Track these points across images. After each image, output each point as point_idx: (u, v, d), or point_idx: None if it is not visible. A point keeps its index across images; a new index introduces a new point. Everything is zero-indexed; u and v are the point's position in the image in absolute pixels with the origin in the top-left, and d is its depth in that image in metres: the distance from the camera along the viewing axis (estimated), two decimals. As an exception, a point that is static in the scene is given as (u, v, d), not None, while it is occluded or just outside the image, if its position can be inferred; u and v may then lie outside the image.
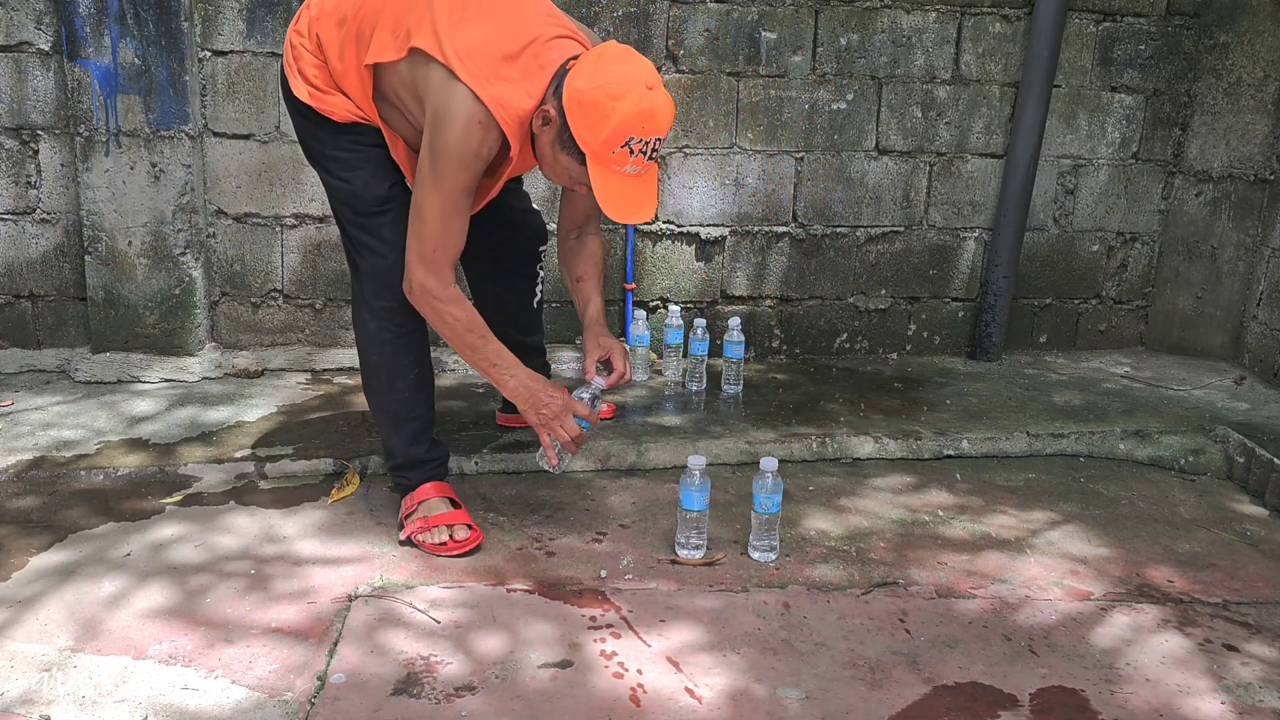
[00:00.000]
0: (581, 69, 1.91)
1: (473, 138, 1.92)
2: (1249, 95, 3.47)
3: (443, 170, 1.94)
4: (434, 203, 1.97)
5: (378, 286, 2.13)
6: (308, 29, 2.10)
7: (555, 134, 1.95)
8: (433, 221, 1.98)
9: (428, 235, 1.99)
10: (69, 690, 1.70)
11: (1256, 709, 1.78)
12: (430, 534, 2.19)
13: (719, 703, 1.73)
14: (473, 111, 1.90)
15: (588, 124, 1.89)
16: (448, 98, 1.90)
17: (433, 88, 1.93)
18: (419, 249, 2.01)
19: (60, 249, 3.21)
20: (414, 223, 2.01)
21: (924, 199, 3.54)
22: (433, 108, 1.93)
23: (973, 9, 3.39)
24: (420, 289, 2.03)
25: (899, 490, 2.62)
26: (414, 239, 2.01)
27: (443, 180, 1.95)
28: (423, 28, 1.93)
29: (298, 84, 2.10)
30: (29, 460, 2.53)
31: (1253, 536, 2.46)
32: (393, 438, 2.26)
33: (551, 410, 2.12)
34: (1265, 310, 3.49)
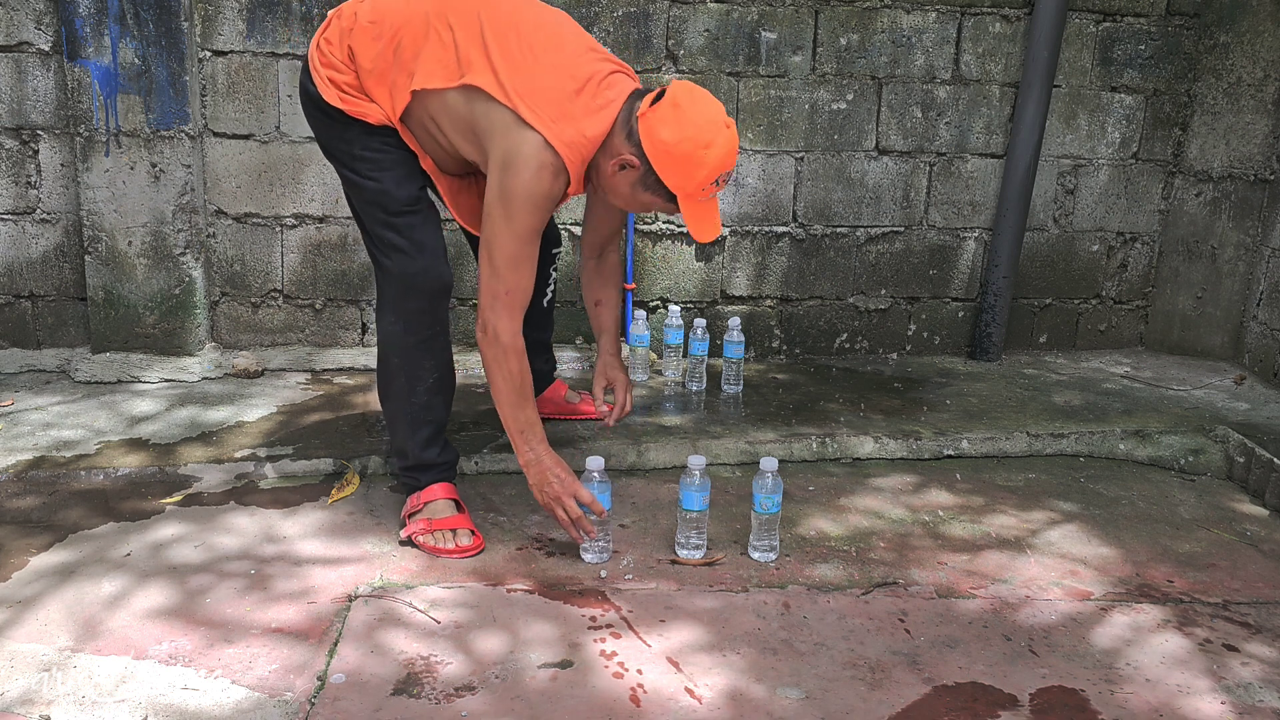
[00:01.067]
0: (662, 120, 1.97)
1: (544, 182, 1.98)
2: (1249, 95, 3.47)
3: (515, 213, 1.99)
4: (507, 246, 2.01)
5: (406, 289, 2.15)
6: (338, 39, 2.11)
7: (638, 178, 2.03)
8: (506, 265, 2.02)
9: (501, 278, 2.03)
10: (69, 690, 1.70)
11: (1256, 709, 1.78)
12: (433, 537, 2.20)
13: (719, 703, 1.73)
14: (544, 157, 1.96)
15: (682, 173, 1.98)
16: (518, 142, 1.96)
17: (498, 131, 1.98)
18: (493, 291, 2.04)
19: (60, 249, 3.21)
20: (487, 265, 2.04)
21: (924, 199, 3.55)
22: (502, 151, 1.98)
23: (973, 9, 3.39)
24: (493, 333, 2.05)
25: (899, 490, 2.62)
26: (488, 281, 2.05)
27: (515, 223, 2.00)
28: (478, 64, 1.99)
29: (327, 89, 2.10)
30: (29, 460, 2.53)
31: (1253, 536, 2.46)
32: (407, 441, 2.26)
33: (553, 491, 2.13)
34: (1265, 310, 3.49)
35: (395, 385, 2.24)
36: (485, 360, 2.10)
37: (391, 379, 2.24)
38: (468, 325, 3.45)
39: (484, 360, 2.11)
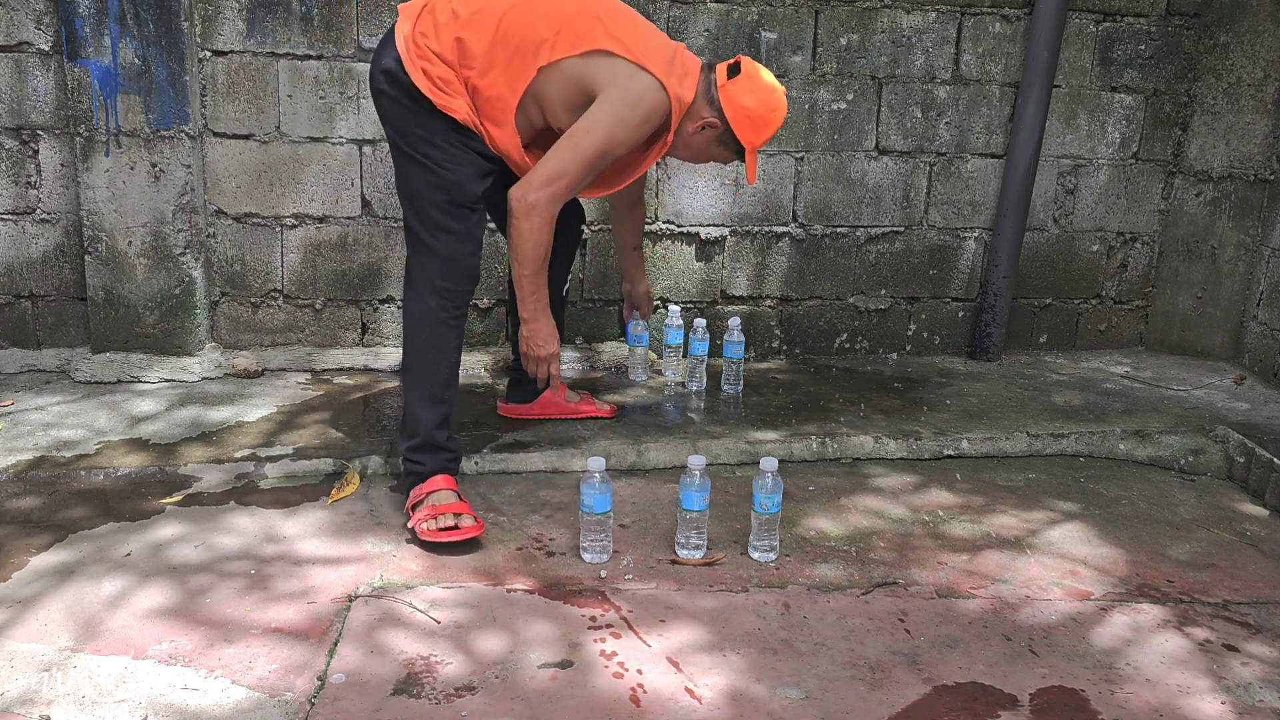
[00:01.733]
0: (741, 91, 2.33)
1: (643, 112, 2.26)
2: (1249, 95, 3.47)
3: (610, 127, 2.23)
4: (586, 147, 2.24)
5: (447, 269, 2.30)
6: (434, 31, 2.25)
7: (717, 136, 2.37)
8: (578, 159, 2.24)
9: (568, 168, 2.24)
10: (69, 690, 1.70)
11: (1256, 709, 1.78)
12: (436, 520, 2.22)
13: (719, 703, 1.73)
14: (654, 94, 2.26)
15: (756, 131, 2.36)
16: (632, 79, 2.24)
17: (619, 76, 2.24)
18: (550, 174, 2.24)
19: (60, 249, 3.21)
20: (560, 153, 2.25)
21: (924, 199, 3.55)
22: (612, 84, 2.23)
23: (973, 9, 3.39)
24: (533, 204, 2.25)
25: (899, 490, 2.62)
26: (555, 164, 2.24)
27: (604, 133, 2.23)
28: (599, 33, 2.25)
29: (421, 79, 2.24)
30: (29, 460, 2.53)
31: (1253, 536, 2.46)
32: (421, 415, 2.34)
33: (541, 352, 2.43)
34: (1265, 310, 3.49)
35: (421, 360, 2.35)
36: (521, 229, 2.27)
37: (418, 355, 2.35)
38: (467, 325, 3.44)
39: (518, 228, 2.27)
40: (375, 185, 3.29)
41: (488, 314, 3.45)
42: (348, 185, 3.28)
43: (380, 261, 3.35)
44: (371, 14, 3.15)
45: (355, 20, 3.16)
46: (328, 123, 3.22)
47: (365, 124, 3.23)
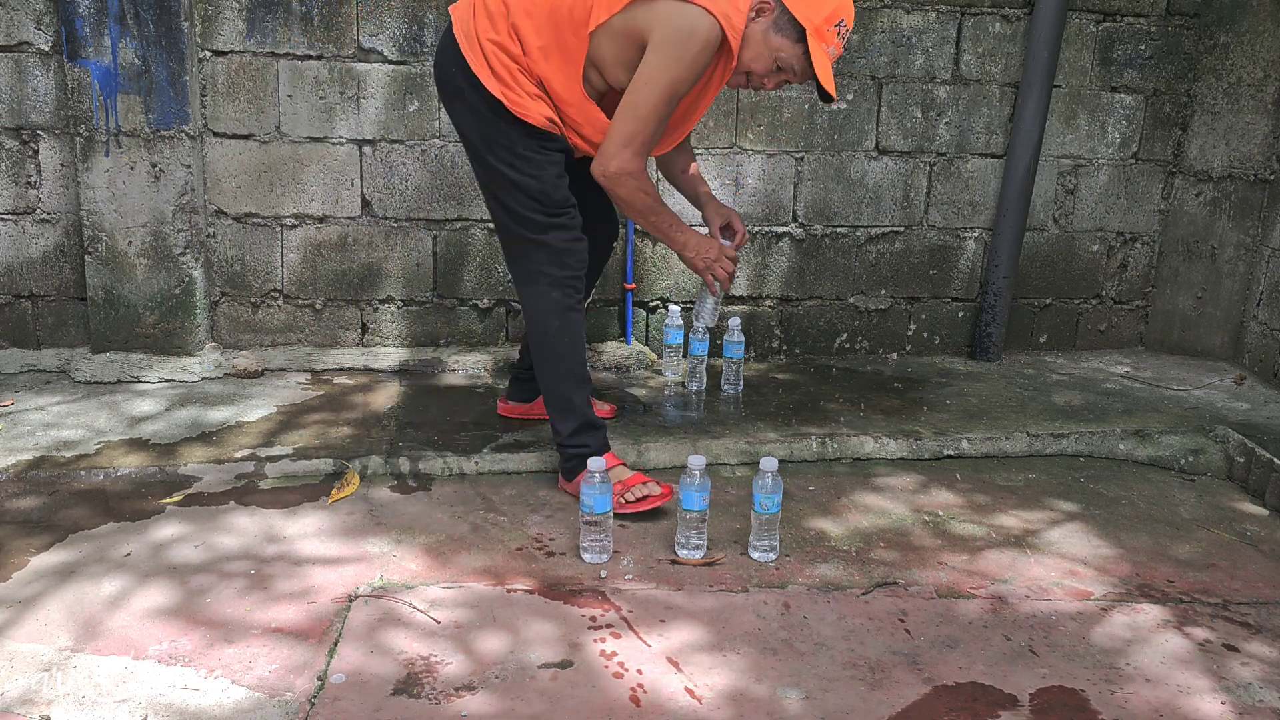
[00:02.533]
0: None
1: (696, 44, 2.18)
2: (1249, 95, 3.47)
3: (667, 70, 2.18)
4: (650, 99, 2.20)
5: (564, 258, 2.34)
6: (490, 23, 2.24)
7: (772, 20, 2.24)
8: (646, 114, 2.21)
9: (639, 126, 2.22)
10: (69, 690, 1.70)
11: (1256, 709, 1.78)
12: (630, 492, 2.36)
13: (719, 703, 1.73)
14: (702, 23, 2.17)
15: (811, 5, 2.22)
16: (676, 15, 2.17)
17: (661, 14, 2.17)
18: (627, 135, 2.23)
19: (60, 249, 3.21)
20: (627, 113, 2.22)
21: (924, 199, 3.55)
22: (662, 23, 2.17)
23: (973, 9, 3.39)
24: (620, 170, 2.25)
25: (899, 490, 2.62)
26: (625, 126, 2.23)
27: (664, 79, 2.19)
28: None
29: (492, 82, 2.25)
30: (29, 460, 2.53)
31: (1253, 536, 2.46)
32: (575, 398, 2.41)
33: (713, 254, 2.47)
34: (1265, 310, 3.49)
35: (560, 348, 2.39)
36: (626, 191, 2.29)
37: (555, 343, 2.39)
38: (468, 325, 3.45)
39: (616, 198, 2.32)
40: (375, 185, 3.29)
41: (488, 314, 3.45)
42: (348, 185, 3.28)
43: (380, 261, 3.35)
44: (371, 14, 3.16)
45: (355, 20, 3.16)
46: (328, 123, 3.22)
47: (365, 124, 3.23)
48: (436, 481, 2.57)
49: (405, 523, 2.33)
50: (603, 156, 2.27)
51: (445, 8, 3.18)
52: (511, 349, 3.44)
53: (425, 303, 3.42)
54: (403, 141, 3.26)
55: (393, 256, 3.35)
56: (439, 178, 3.31)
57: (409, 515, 2.37)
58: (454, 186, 3.32)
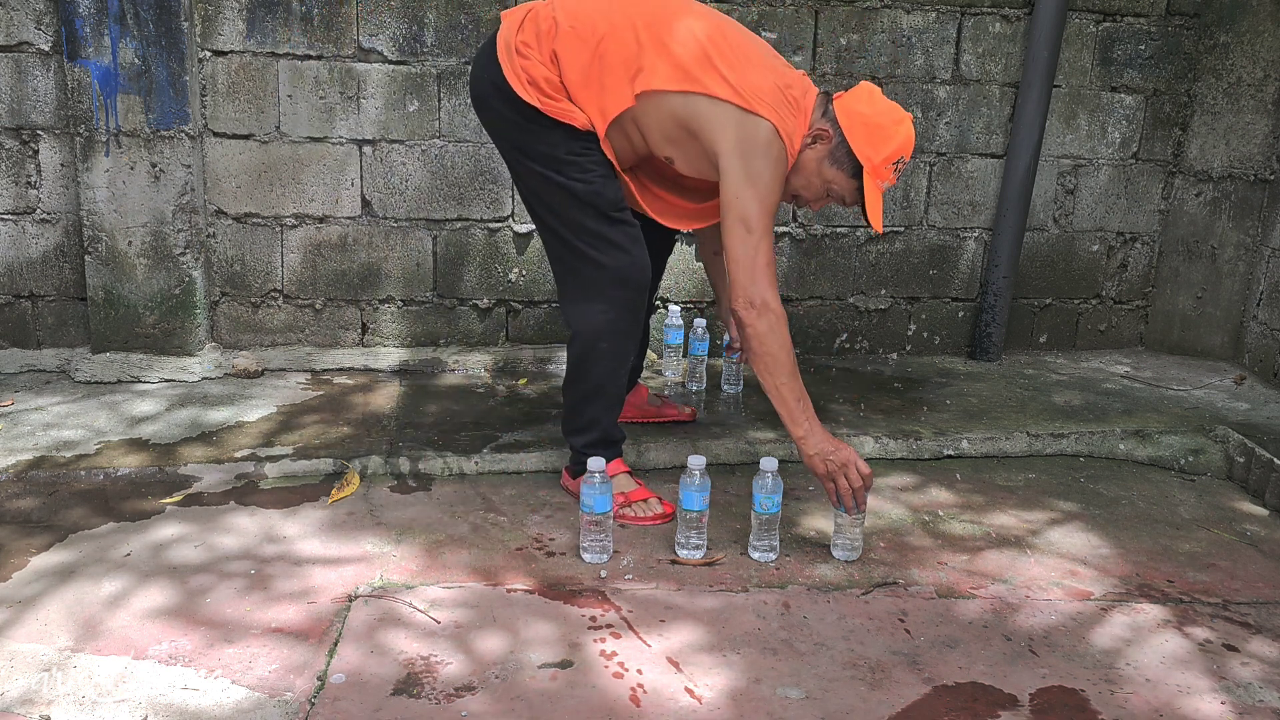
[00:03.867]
0: (858, 99, 2.19)
1: (781, 163, 2.15)
2: (1249, 95, 3.47)
3: (764, 192, 2.13)
4: (762, 220, 2.13)
5: (620, 281, 2.26)
6: (536, 41, 2.18)
7: (828, 151, 2.18)
8: (762, 235, 2.14)
9: (761, 250, 2.14)
10: (69, 690, 1.70)
11: (1256, 709, 1.78)
12: (634, 508, 2.36)
13: (719, 703, 1.73)
14: (775, 142, 2.13)
15: (872, 143, 2.15)
16: (755, 130, 2.11)
17: (731, 124, 2.11)
18: (754, 264, 2.14)
19: (60, 249, 3.21)
20: (743, 242, 2.14)
21: (924, 199, 3.55)
22: (736, 140, 2.11)
23: (973, 9, 3.39)
24: (763, 304, 2.15)
25: (899, 490, 2.62)
26: (749, 257, 2.14)
27: (765, 201, 2.13)
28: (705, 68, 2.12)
29: (527, 92, 2.17)
30: (29, 460, 2.53)
31: (1253, 536, 2.46)
32: (603, 418, 2.39)
33: (840, 459, 2.18)
34: (1265, 310, 3.49)
35: (602, 368, 2.34)
36: (758, 332, 2.17)
37: (599, 362, 2.33)
38: (467, 325, 3.45)
39: (756, 334, 2.17)
40: (375, 185, 3.29)
41: (488, 314, 3.45)
42: (348, 185, 3.28)
43: (380, 261, 3.35)
44: (371, 14, 3.16)
45: (355, 20, 3.16)
46: (328, 123, 3.22)
47: (365, 124, 3.23)
48: (436, 481, 2.57)
49: (405, 522, 2.33)
50: (741, 288, 2.15)
51: (445, 7, 3.18)
52: (512, 349, 3.44)
53: (425, 303, 3.42)
54: (403, 141, 3.26)
55: (393, 256, 3.35)
56: (439, 178, 3.31)
57: (409, 515, 2.37)
58: (454, 186, 3.32)
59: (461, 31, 3.20)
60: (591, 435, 2.40)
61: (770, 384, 2.21)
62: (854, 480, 2.16)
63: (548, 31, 2.17)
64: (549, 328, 3.48)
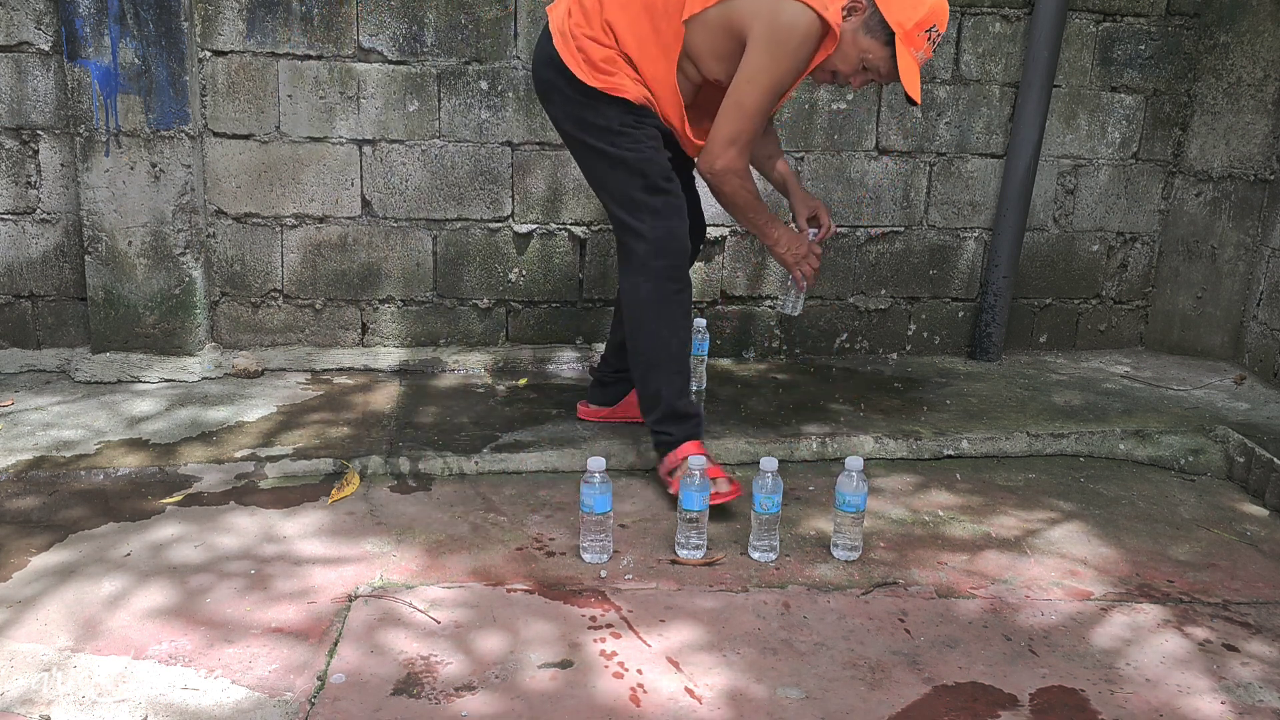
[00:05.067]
0: None
1: (797, 38, 2.19)
2: (1249, 95, 3.47)
3: (771, 67, 2.20)
4: (755, 97, 2.23)
5: (659, 248, 2.34)
6: (584, 18, 2.29)
7: (862, 20, 2.23)
8: (750, 112, 2.24)
9: (744, 124, 2.25)
10: (69, 690, 1.70)
11: (1256, 709, 1.78)
12: None
13: (719, 703, 1.73)
14: (802, 18, 2.17)
15: (904, 9, 2.19)
16: (780, 8, 2.17)
17: (761, 7, 2.19)
18: (732, 133, 2.26)
19: (60, 249, 3.21)
20: (732, 113, 2.25)
21: (924, 199, 3.55)
22: (764, 18, 2.18)
23: (973, 9, 3.39)
24: (725, 169, 2.29)
25: (899, 490, 2.62)
26: (729, 125, 2.26)
27: (767, 76, 2.21)
28: None
29: (582, 70, 2.28)
30: (29, 460, 2.53)
31: (1253, 536, 2.46)
32: (663, 390, 2.42)
33: (803, 250, 2.47)
34: (1265, 310, 3.49)
35: (652, 340, 2.40)
36: (731, 188, 2.32)
37: (647, 334, 2.40)
38: (468, 325, 3.45)
39: (730, 188, 2.33)
40: (375, 185, 3.29)
41: (488, 314, 3.45)
42: (348, 185, 3.28)
43: (380, 261, 3.35)
44: (371, 14, 3.16)
45: (355, 20, 3.16)
46: (328, 123, 3.22)
47: (365, 124, 3.23)
48: (436, 481, 2.57)
49: (405, 522, 2.34)
50: (709, 154, 2.29)
51: (445, 7, 3.18)
52: (512, 349, 3.44)
53: (425, 303, 3.42)
54: (403, 141, 3.26)
55: (393, 256, 3.35)
56: (439, 178, 3.31)
57: (409, 515, 2.37)
58: (454, 186, 3.32)
59: (461, 31, 3.20)
60: (658, 411, 2.44)
61: (745, 219, 2.42)
62: (814, 263, 2.48)
63: (594, 8, 2.28)
64: (549, 328, 3.49)
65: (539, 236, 3.39)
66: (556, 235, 3.39)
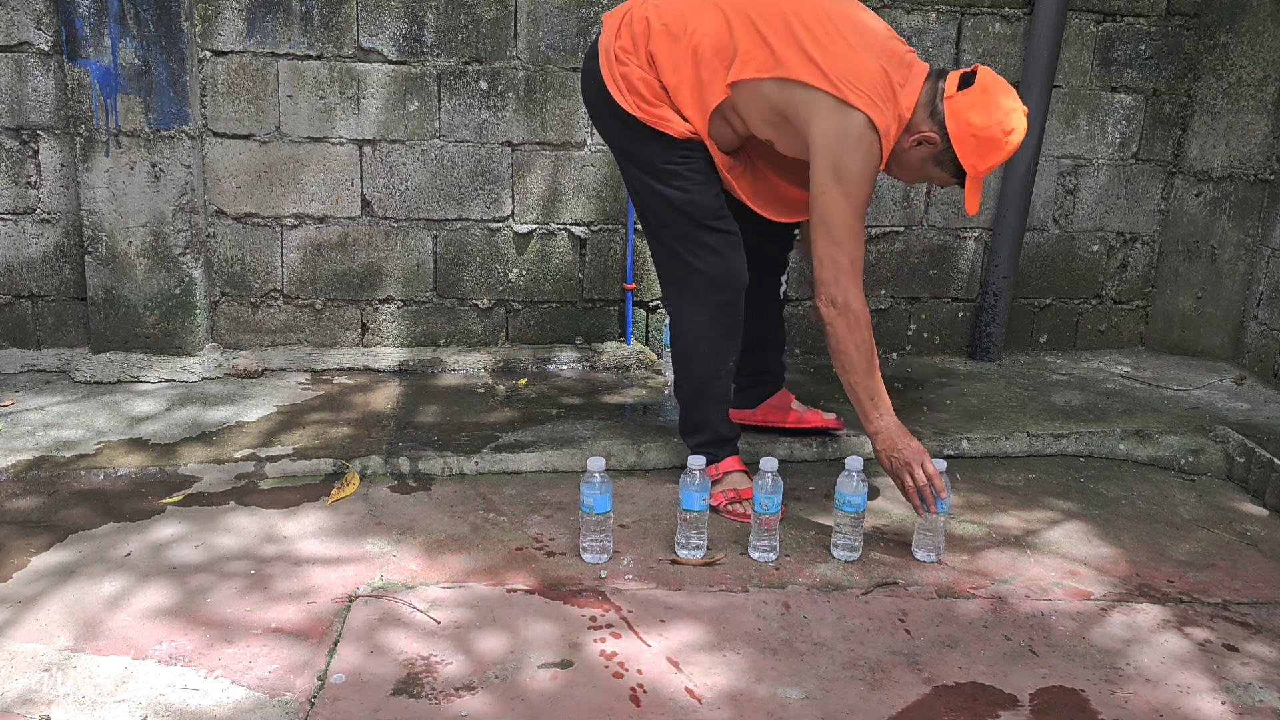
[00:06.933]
0: (972, 105, 2.10)
1: (873, 158, 2.12)
2: (1249, 95, 3.47)
3: (853, 189, 2.12)
4: (848, 219, 2.13)
5: (716, 283, 2.30)
6: (632, 45, 2.21)
7: (933, 154, 2.16)
8: (848, 236, 2.15)
9: (845, 249, 2.16)
10: (69, 690, 1.70)
11: (1256, 709, 1.78)
12: (741, 505, 2.37)
13: (719, 703, 1.73)
14: (870, 135, 2.09)
15: (981, 155, 2.11)
16: (846, 123, 2.08)
17: (823, 114, 2.09)
18: (837, 263, 2.16)
19: (60, 249, 3.21)
20: (826, 240, 2.16)
21: (924, 199, 3.54)
22: (828, 132, 2.09)
23: (973, 9, 3.39)
24: (844, 304, 2.18)
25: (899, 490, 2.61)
26: (831, 255, 2.16)
27: (853, 198, 2.13)
28: (794, 55, 2.10)
29: (626, 100, 2.21)
30: (29, 460, 2.53)
31: (1253, 536, 2.46)
32: (712, 418, 2.42)
33: (903, 458, 2.23)
34: (1265, 310, 3.49)
35: (703, 369, 2.39)
36: (836, 332, 2.21)
37: (701, 364, 2.39)
38: (468, 325, 3.45)
39: (834, 332, 2.22)
40: (375, 185, 3.29)
41: (488, 314, 3.45)
42: (348, 185, 3.28)
43: (380, 262, 3.35)
44: (371, 14, 3.16)
45: (355, 20, 3.16)
46: (328, 123, 3.22)
47: (365, 124, 3.23)
48: (436, 481, 2.57)
49: (405, 523, 2.34)
50: (823, 285, 2.19)
51: (445, 7, 3.18)
52: (512, 349, 3.44)
53: (425, 303, 3.42)
54: (403, 141, 3.26)
55: (393, 256, 3.36)
56: (439, 178, 3.31)
57: (409, 515, 2.37)
58: (454, 186, 3.32)
59: (461, 31, 3.20)
60: (703, 436, 2.44)
61: (845, 381, 2.27)
62: (919, 478, 2.19)
63: (641, 34, 2.20)
64: (549, 328, 3.49)
65: (539, 236, 3.39)
66: (556, 235, 3.39)
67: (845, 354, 2.22)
